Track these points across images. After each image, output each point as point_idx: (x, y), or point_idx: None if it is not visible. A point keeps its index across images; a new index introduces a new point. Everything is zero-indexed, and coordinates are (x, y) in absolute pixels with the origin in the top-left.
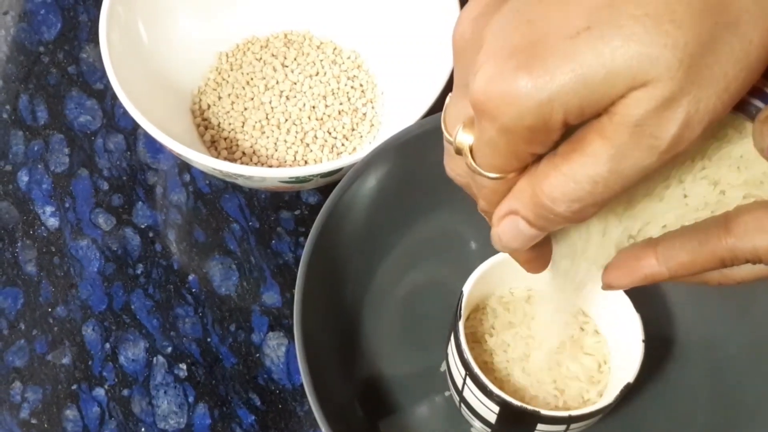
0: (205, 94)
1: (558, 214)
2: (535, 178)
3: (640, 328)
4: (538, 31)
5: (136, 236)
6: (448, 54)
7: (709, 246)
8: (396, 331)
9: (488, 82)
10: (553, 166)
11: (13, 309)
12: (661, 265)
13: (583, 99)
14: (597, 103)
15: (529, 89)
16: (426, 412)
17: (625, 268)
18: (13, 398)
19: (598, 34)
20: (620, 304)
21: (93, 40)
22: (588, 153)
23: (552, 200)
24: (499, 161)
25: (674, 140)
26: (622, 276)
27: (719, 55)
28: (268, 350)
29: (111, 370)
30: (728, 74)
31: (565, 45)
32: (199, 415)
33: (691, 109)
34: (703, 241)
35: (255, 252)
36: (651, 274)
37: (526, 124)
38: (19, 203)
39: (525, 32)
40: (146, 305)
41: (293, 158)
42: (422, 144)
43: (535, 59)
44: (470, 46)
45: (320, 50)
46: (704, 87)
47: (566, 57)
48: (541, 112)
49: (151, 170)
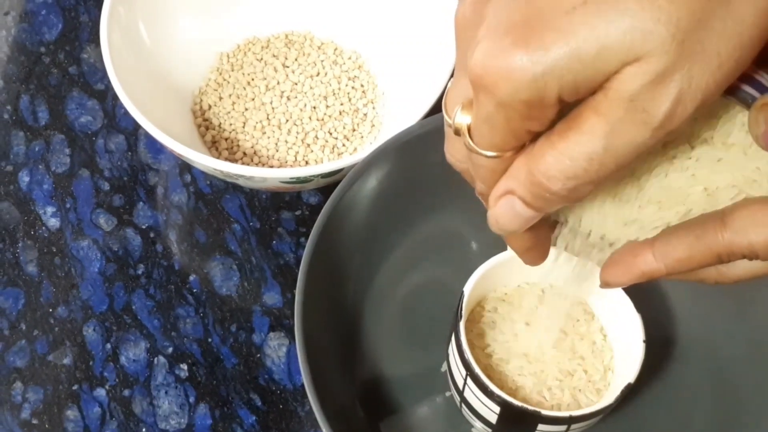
0: (206, 94)
1: (554, 193)
2: (531, 156)
3: (641, 328)
4: (535, 8)
5: (137, 236)
6: (448, 54)
7: (706, 241)
8: (397, 331)
9: (486, 56)
10: (550, 144)
11: (14, 309)
12: (658, 262)
13: (577, 74)
14: (592, 78)
15: (524, 63)
16: (427, 413)
17: (622, 265)
18: (14, 398)
19: (594, 9)
20: (621, 305)
21: (94, 41)
22: (584, 130)
23: (548, 178)
24: (495, 138)
25: (667, 116)
26: (619, 273)
27: (712, 32)
28: (269, 350)
29: (112, 370)
30: (721, 53)
31: (560, 20)
32: (200, 415)
33: (684, 85)
34: (700, 236)
35: (256, 252)
36: (648, 271)
37: (522, 98)
38: (20, 204)
39: (523, 9)
40: (147, 305)
41: (294, 159)
42: (423, 144)
43: (532, 34)
44: (471, 26)
45: (321, 51)
46: (697, 63)
47: (561, 31)
48: (537, 86)
49: (152, 171)
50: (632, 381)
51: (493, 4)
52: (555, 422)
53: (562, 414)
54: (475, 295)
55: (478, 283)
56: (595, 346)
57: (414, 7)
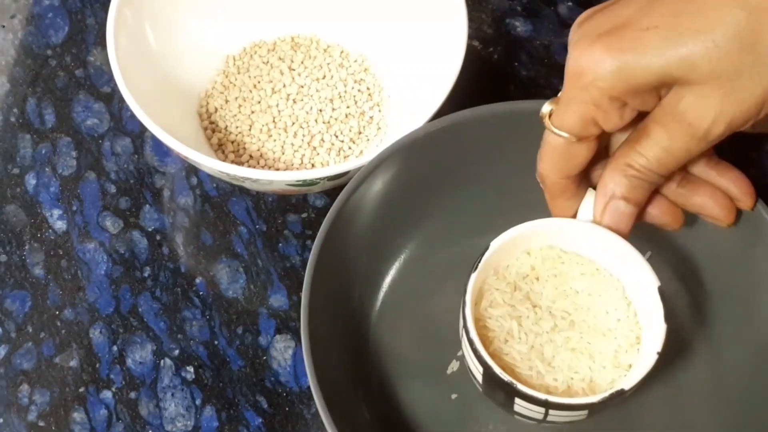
0: (212, 97)
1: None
2: (617, 159)
3: (660, 339)
4: (621, 22)
5: (143, 239)
6: (454, 58)
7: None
8: (404, 333)
9: (580, 51)
10: (629, 145)
11: (21, 312)
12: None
13: (640, 79)
14: (650, 84)
15: (605, 58)
16: (434, 416)
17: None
18: (20, 401)
19: (663, 35)
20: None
21: (100, 44)
22: (651, 136)
23: (636, 169)
24: (568, 119)
25: (707, 131)
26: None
27: (743, 80)
28: (275, 353)
29: (118, 372)
30: (745, 101)
31: (637, 35)
32: (206, 417)
33: (719, 109)
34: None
35: (262, 255)
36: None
37: (599, 85)
38: (27, 206)
39: (613, 23)
40: (153, 308)
41: (300, 161)
42: (429, 147)
43: (615, 40)
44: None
45: (327, 54)
46: (727, 101)
47: (636, 43)
48: (611, 78)
49: (158, 173)
50: (626, 388)
51: (593, 20)
52: (531, 401)
53: (537, 394)
54: (496, 257)
55: (505, 244)
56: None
57: (420, 11)
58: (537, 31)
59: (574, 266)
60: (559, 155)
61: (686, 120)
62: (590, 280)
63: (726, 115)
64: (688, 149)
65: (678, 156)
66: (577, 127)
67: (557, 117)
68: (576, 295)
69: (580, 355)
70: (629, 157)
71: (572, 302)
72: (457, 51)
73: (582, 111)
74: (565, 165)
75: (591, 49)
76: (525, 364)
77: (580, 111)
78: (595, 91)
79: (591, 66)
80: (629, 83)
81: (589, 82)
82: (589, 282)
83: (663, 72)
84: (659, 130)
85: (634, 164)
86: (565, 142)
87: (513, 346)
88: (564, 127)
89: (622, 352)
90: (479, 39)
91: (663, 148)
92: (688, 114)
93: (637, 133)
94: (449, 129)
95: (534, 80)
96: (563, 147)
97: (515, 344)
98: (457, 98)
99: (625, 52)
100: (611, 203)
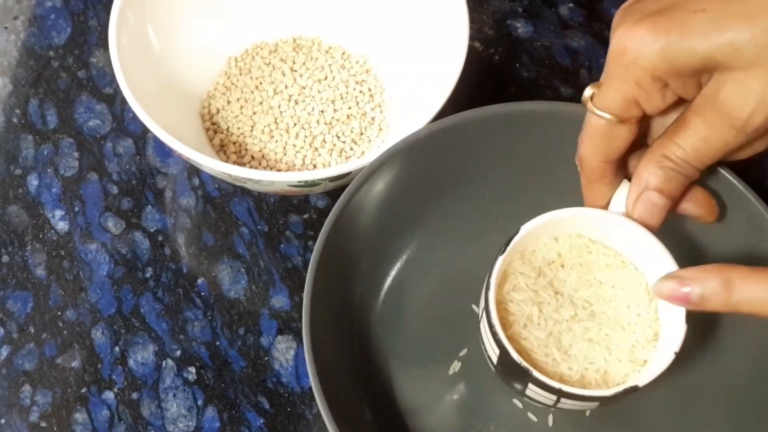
0: (214, 98)
1: (679, 171)
2: (654, 150)
3: (679, 340)
4: (669, 5)
5: (145, 240)
6: (456, 59)
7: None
8: (405, 334)
9: (625, 31)
10: (666, 137)
11: (23, 312)
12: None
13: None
14: (693, 67)
15: (650, 37)
16: (435, 417)
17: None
18: (22, 401)
19: (709, 18)
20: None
21: (103, 45)
22: (690, 126)
23: (672, 160)
24: (610, 99)
25: (745, 122)
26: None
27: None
28: (276, 353)
29: (120, 373)
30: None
31: (684, 17)
32: (208, 418)
33: (759, 99)
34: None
35: (264, 255)
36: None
37: (642, 64)
38: (29, 207)
39: (660, 5)
40: (155, 309)
41: (302, 162)
42: (430, 148)
43: (662, 21)
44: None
45: (329, 55)
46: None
47: (683, 26)
48: (654, 57)
49: (160, 174)
50: (640, 385)
51: (638, 2)
52: (544, 388)
53: (552, 382)
54: (528, 238)
55: (536, 228)
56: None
57: (422, 12)
58: (538, 32)
59: (601, 257)
60: (600, 137)
61: (725, 109)
62: (615, 272)
63: (766, 104)
64: (726, 140)
65: (716, 147)
66: (618, 107)
67: (599, 98)
68: (599, 285)
69: (597, 347)
70: (666, 148)
71: (595, 292)
72: (459, 52)
73: (624, 90)
74: (606, 148)
75: (635, 29)
76: (541, 350)
77: (623, 90)
78: (638, 70)
79: (635, 45)
80: (672, 64)
81: (631, 60)
82: (613, 274)
83: (706, 55)
84: (698, 119)
85: (670, 155)
86: (607, 124)
87: (531, 331)
88: (606, 107)
89: (638, 347)
90: (480, 40)
91: (701, 138)
92: (728, 102)
93: (675, 125)
94: (450, 130)
95: (535, 81)
96: (605, 128)
97: (534, 329)
98: (458, 99)
99: (670, 33)
100: (644, 194)
